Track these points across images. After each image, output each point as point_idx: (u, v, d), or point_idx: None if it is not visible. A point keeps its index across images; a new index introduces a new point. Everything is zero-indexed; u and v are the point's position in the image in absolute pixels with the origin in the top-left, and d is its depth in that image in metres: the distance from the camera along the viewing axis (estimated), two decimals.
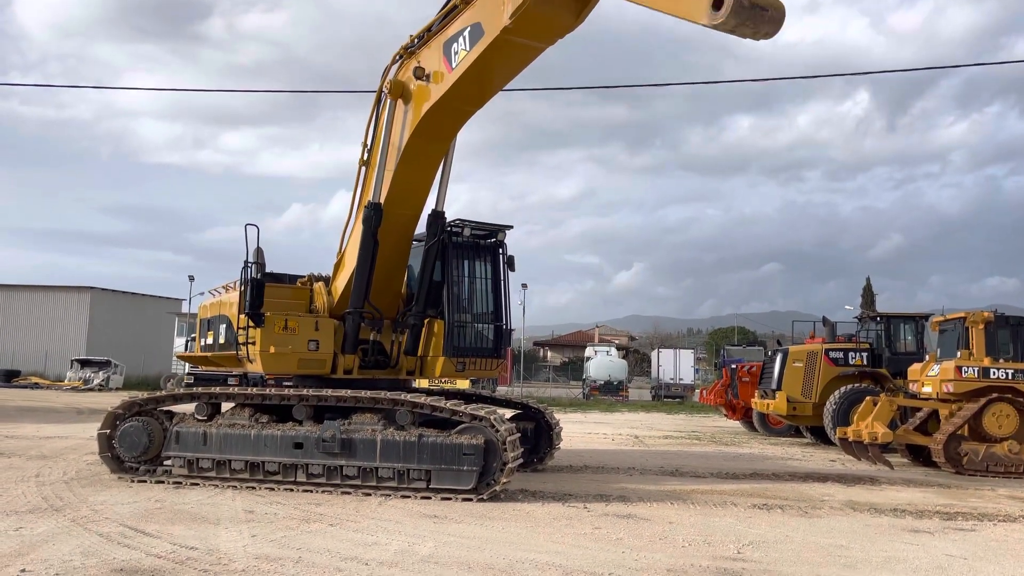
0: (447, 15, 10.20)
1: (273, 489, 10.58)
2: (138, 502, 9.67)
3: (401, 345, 12.01)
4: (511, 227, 12.71)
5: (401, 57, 11.06)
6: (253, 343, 11.03)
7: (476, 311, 12.46)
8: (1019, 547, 8.60)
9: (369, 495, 10.27)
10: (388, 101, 11.01)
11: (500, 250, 12.60)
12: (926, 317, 20.36)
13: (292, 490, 10.52)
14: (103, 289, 54.86)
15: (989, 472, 14.37)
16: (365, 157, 11.56)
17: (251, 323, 10.94)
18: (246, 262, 11.17)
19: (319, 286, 12.20)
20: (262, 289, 10.94)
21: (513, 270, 12.66)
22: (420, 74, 10.44)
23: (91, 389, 41.30)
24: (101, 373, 43.11)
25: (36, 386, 42.39)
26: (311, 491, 10.46)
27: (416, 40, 10.77)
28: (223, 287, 12.90)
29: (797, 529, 9.12)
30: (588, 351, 53.70)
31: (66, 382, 43.18)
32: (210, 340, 12.61)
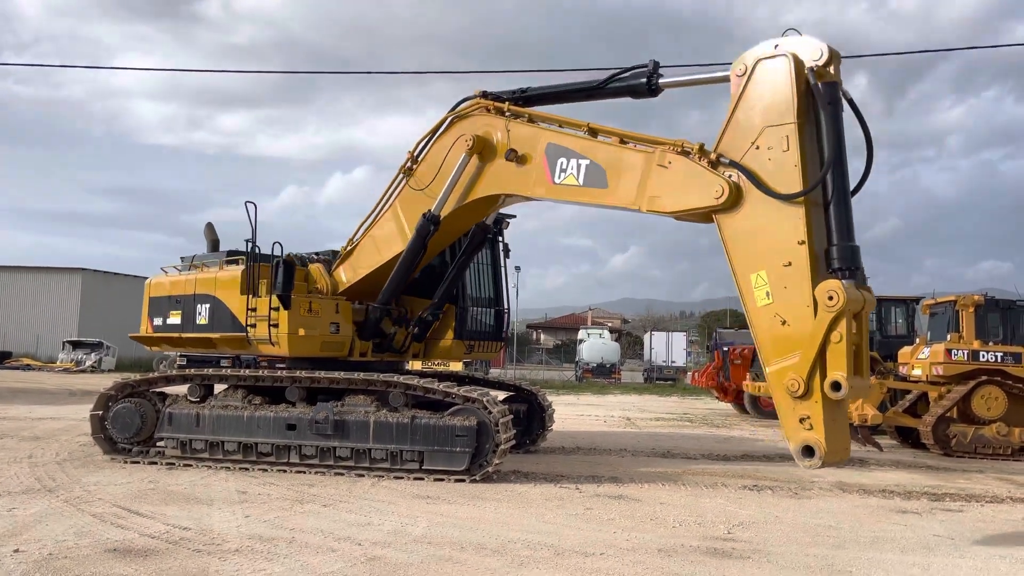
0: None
1: (266, 470, 10.61)
2: (131, 483, 9.69)
3: (412, 335, 12.18)
4: (514, 216, 12.96)
5: (485, 107, 10.45)
6: (276, 325, 10.79)
7: (480, 296, 12.95)
8: (1006, 527, 8.71)
9: (362, 476, 10.32)
10: (465, 155, 10.36)
11: (499, 237, 13.08)
12: (917, 300, 20.48)
13: (285, 471, 10.56)
14: (95, 271, 54.61)
15: (977, 454, 14.49)
16: (408, 165, 11.15)
17: (280, 305, 10.71)
18: (247, 240, 11.04)
19: (317, 268, 11.99)
20: (292, 271, 10.76)
21: (508, 257, 13.26)
22: (512, 157, 9.93)
23: (83, 371, 41.23)
24: (93, 355, 43.00)
25: (28, 367, 42.29)
26: (304, 472, 10.50)
27: (508, 108, 10.23)
28: (201, 265, 12.14)
29: (787, 510, 9.21)
30: (581, 333, 53.86)
31: (58, 363, 43.04)
32: (176, 320, 11.93)
